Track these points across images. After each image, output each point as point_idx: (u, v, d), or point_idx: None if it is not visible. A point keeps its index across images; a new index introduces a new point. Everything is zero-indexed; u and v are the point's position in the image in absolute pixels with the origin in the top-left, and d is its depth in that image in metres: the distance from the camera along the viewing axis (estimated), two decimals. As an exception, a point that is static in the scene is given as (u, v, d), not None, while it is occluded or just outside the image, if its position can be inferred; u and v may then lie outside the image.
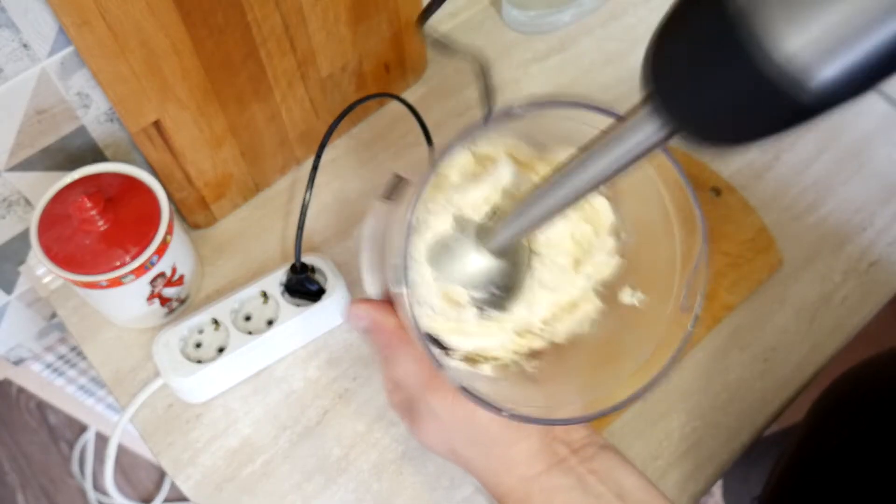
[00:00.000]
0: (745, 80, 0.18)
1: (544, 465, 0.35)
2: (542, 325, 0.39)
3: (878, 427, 0.46)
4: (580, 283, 0.39)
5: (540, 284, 0.39)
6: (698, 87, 0.20)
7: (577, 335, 0.39)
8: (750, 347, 0.54)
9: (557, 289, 0.39)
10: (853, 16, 0.16)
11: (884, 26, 0.16)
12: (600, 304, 0.40)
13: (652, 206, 0.36)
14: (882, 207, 0.60)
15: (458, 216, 0.38)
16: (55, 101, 0.47)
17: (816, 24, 0.16)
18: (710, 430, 0.51)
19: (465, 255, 0.37)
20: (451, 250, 0.37)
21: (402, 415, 0.39)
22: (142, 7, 0.42)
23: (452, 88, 0.66)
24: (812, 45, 0.17)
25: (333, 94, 0.58)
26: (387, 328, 0.37)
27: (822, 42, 0.16)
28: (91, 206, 0.45)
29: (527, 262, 0.39)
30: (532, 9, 0.67)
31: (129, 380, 0.53)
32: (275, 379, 0.53)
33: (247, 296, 0.52)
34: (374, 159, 0.62)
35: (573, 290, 0.39)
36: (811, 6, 0.16)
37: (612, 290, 0.39)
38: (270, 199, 0.60)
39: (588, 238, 0.39)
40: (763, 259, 0.56)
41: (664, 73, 0.21)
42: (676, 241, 0.36)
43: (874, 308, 0.56)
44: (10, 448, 1.29)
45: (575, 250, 0.39)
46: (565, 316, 0.39)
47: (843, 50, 0.16)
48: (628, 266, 0.39)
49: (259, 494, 0.49)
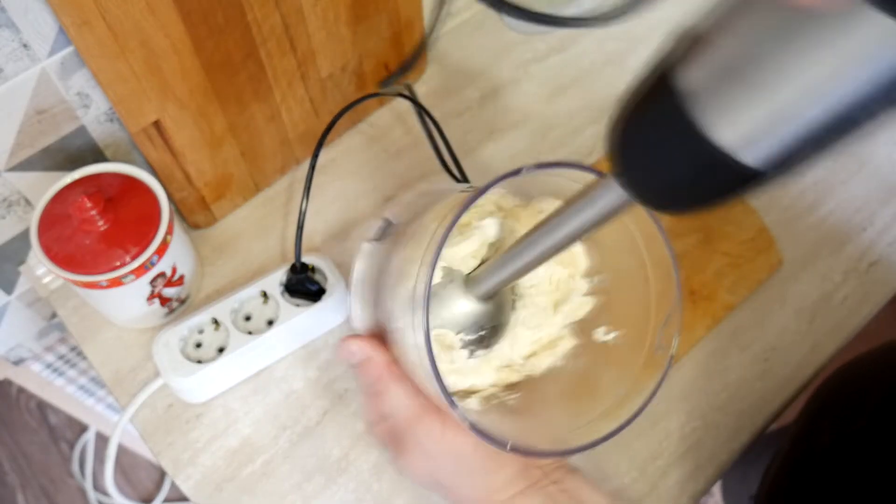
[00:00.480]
0: (692, 161, 0.22)
1: (520, 487, 0.37)
2: (522, 360, 0.42)
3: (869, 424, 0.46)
4: (559, 322, 0.42)
5: (522, 324, 0.42)
6: (654, 167, 0.24)
7: (553, 368, 0.42)
8: (750, 347, 0.54)
9: (538, 327, 0.41)
10: (771, 116, 0.20)
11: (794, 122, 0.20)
12: (575, 340, 0.42)
13: (627, 252, 0.39)
14: (882, 207, 0.60)
15: (447, 268, 0.41)
16: (55, 101, 0.47)
17: (745, 120, 0.20)
18: (710, 430, 0.51)
19: (455, 303, 0.41)
20: (441, 298, 0.41)
21: (386, 445, 0.41)
22: (142, 7, 0.42)
23: (452, 88, 0.66)
24: (742, 135, 0.21)
25: (333, 94, 0.58)
26: (379, 363, 0.39)
27: (749, 133, 0.21)
28: (91, 206, 0.45)
29: (510, 304, 0.42)
30: (532, 9, 0.67)
31: (129, 380, 0.53)
32: (275, 379, 0.53)
33: (247, 296, 0.52)
34: (374, 159, 0.62)
35: (552, 329, 0.42)
36: (739, 109, 0.20)
37: (587, 328, 0.42)
38: (270, 199, 0.60)
39: (564, 281, 0.42)
40: (763, 259, 0.56)
41: (625, 153, 0.25)
42: (651, 284, 0.38)
43: (874, 308, 0.56)
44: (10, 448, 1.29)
45: (554, 292, 0.42)
46: (545, 353, 0.42)
47: (766, 140, 0.21)
48: (603, 307, 0.41)
49: (259, 494, 0.49)
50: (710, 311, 0.54)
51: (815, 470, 0.48)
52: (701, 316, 0.54)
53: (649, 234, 0.38)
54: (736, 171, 0.21)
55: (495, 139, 0.63)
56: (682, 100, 0.21)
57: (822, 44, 0.18)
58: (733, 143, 0.21)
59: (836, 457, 0.47)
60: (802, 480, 0.49)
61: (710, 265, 0.56)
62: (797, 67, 0.19)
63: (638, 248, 0.39)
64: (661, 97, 0.22)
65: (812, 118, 0.20)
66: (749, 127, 0.21)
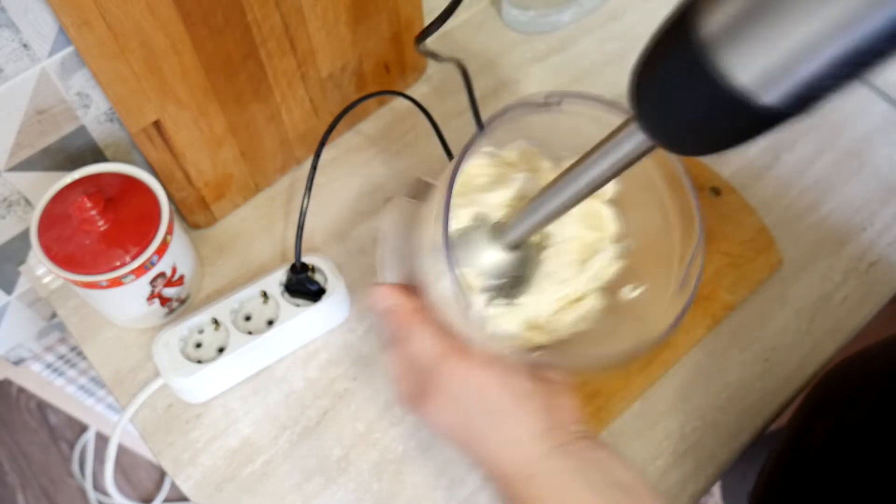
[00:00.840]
0: (710, 103, 0.23)
1: (547, 446, 0.37)
2: (549, 316, 0.42)
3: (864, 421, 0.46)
4: (585, 279, 0.42)
5: (548, 276, 0.42)
6: (673, 109, 0.25)
7: (580, 331, 0.42)
8: (750, 347, 0.54)
9: (564, 281, 0.42)
10: (789, 56, 0.21)
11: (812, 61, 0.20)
12: (603, 301, 0.42)
13: (653, 208, 0.40)
14: (882, 207, 0.60)
15: (479, 213, 0.42)
16: (55, 101, 0.47)
17: (764, 62, 0.21)
18: (710, 430, 0.51)
19: (482, 247, 0.41)
20: (469, 241, 0.41)
21: (411, 401, 0.41)
22: (142, 7, 0.42)
23: (452, 88, 0.66)
24: (757, 76, 0.21)
25: (333, 94, 0.58)
26: (407, 308, 0.40)
27: (769, 74, 0.21)
28: (91, 206, 0.45)
29: (536, 257, 0.42)
30: (532, 9, 0.67)
31: (129, 380, 0.53)
32: (275, 379, 0.53)
33: (247, 296, 0.52)
34: (374, 159, 0.62)
35: (578, 284, 0.42)
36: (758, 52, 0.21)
37: (613, 289, 0.42)
38: (270, 199, 0.60)
39: (594, 243, 0.42)
40: (763, 259, 0.56)
41: (645, 98, 0.25)
42: (675, 236, 0.39)
43: (874, 308, 0.56)
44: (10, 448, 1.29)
45: (582, 251, 0.43)
46: (570, 309, 0.42)
47: (781, 80, 0.21)
48: (629, 267, 0.42)
49: (259, 494, 0.49)
50: (710, 311, 0.54)
51: (809, 468, 0.48)
52: (701, 316, 0.54)
53: (671, 177, 0.38)
54: (755, 113, 0.22)
55: (495, 139, 0.63)
56: (701, 44, 0.22)
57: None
58: (753, 85, 0.21)
59: (830, 454, 0.47)
60: (796, 478, 0.49)
61: (709, 265, 0.56)
62: (814, 6, 0.19)
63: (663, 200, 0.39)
64: (681, 41, 0.23)
65: (829, 56, 0.20)
66: (768, 68, 0.21)
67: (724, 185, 0.59)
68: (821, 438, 0.48)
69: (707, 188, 0.59)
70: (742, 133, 0.24)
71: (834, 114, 0.64)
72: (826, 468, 0.46)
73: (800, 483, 0.48)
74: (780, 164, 0.62)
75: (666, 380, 0.53)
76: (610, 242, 0.43)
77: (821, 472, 0.47)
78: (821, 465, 0.47)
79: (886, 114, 0.64)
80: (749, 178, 0.61)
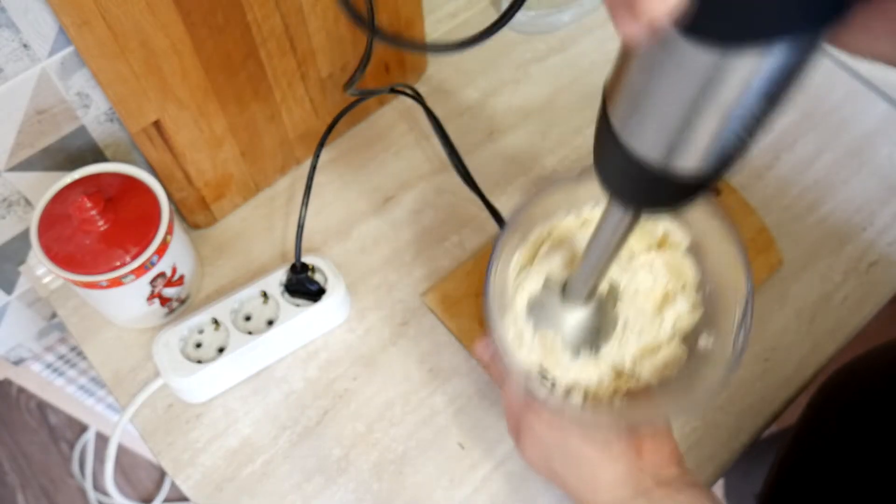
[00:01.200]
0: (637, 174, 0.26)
1: (629, 492, 0.38)
2: (631, 363, 0.44)
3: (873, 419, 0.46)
4: (665, 327, 0.44)
5: (626, 327, 0.44)
6: (618, 180, 0.28)
7: (665, 378, 0.43)
8: (750, 347, 0.54)
9: (643, 331, 0.44)
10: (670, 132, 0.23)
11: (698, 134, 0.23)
12: (684, 349, 0.44)
13: (721, 259, 0.42)
14: (882, 207, 0.60)
15: (548, 277, 0.45)
16: (55, 101, 0.47)
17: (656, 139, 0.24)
18: (710, 430, 0.51)
19: (555, 308, 0.45)
20: (544, 305, 0.45)
21: (513, 435, 0.44)
22: (142, 7, 0.42)
23: (452, 88, 0.66)
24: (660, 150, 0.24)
25: (333, 94, 0.58)
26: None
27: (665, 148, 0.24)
28: (91, 206, 0.45)
29: (611, 310, 0.45)
30: (532, 9, 0.67)
31: (129, 380, 0.53)
32: (275, 379, 0.53)
33: (247, 296, 0.52)
34: (374, 159, 0.62)
35: (658, 333, 0.44)
36: (649, 131, 0.24)
37: (694, 337, 0.44)
38: (270, 199, 0.60)
39: (674, 290, 0.45)
40: (763, 259, 0.56)
41: (601, 174, 0.29)
42: (735, 286, 0.40)
43: (874, 308, 0.56)
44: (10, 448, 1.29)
45: (662, 300, 0.44)
46: (649, 357, 0.44)
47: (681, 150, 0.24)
48: (707, 316, 0.44)
49: (259, 494, 0.49)
50: (711, 312, 0.54)
51: (817, 466, 0.48)
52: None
53: (726, 237, 0.41)
54: (675, 179, 0.25)
55: (495, 139, 0.63)
56: (615, 130, 0.25)
57: (669, 73, 0.22)
58: (658, 158, 0.25)
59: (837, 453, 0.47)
60: (804, 478, 0.49)
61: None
62: (663, 94, 0.22)
63: (726, 252, 0.41)
64: (606, 129, 0.26)
65: (712, 129, 0.23)
66: (659, 143, 0.24)
67: (724, 185, 0.59)
68: (828, 438, 0.48)
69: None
70: (680, 194, 0.27)
71: (834, 114, 0.64)
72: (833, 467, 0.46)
73: (807, 483, 0.48)
74: (780, 164, 0.62)
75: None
76: (690, 290, 0.44)
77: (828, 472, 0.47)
78: (828, 465, 0.47)
79: (886, 114, 0.64)
80: (749, 178, 0.61)
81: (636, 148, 0.25)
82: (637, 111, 0.24)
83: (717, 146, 0.23)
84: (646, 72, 0.23)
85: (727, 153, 0.24)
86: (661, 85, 0.22)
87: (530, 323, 0.44)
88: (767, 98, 0.21)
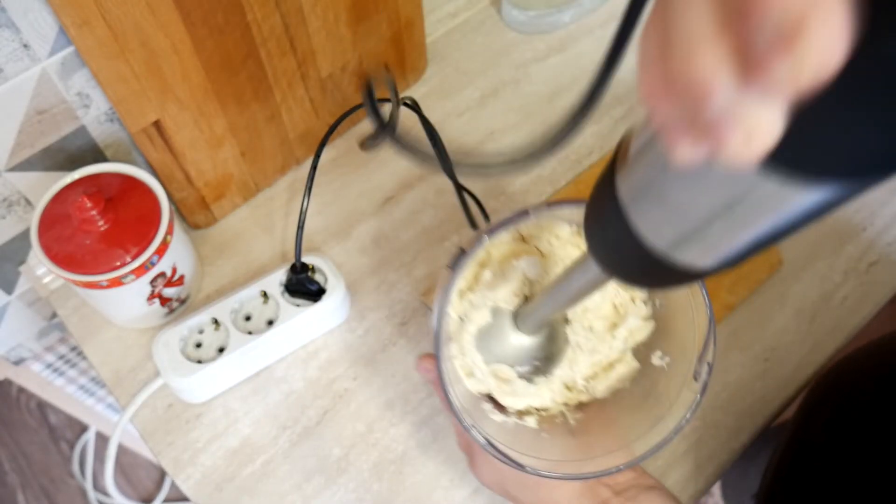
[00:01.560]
0: (636, 256, 0.25)
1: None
2: (584, 381, 0.43)
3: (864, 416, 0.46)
4: (616, 345, 0.43)
5: (578, 348, 0.44)
6: (611, 256, 0.27)
7: (618, 390, 0.43)
8: (750, 347, 0.54)
9: (594, 351, 0.43)
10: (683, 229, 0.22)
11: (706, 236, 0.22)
12: (637, 364, 0.43)
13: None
14: (882, 207, 0.60)
15: (494, 308, 0.44)
16: (55, 101, 0.47)
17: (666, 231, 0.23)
18: (710, 430, 0.51)
19: (506, 339, 0.44)
20: (492, 337, 0.44)
21: (467, 456, 0.44)
22: (142, 7, 0.42)
23: (452, 88, 0.66)
24: (667, 241, 0.23)
25: (333, 94, 0.58)
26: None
27: (672, 240, 0.23)
28: (91, 206, 0.45)
29: (562, 332, 0.45)
30: (532, 9, 0.67)
31: (129, 380, 0.53)
32: (275, 379, 0.53)
33: (247, 296, 0.52)
34: (374, 159, 0.62)
35: (609, 351, 0.43)
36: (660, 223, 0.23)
37: (646, 351, 0.43)
38: (270, 199, 0.60)
39: (625, 304, 0.44)
40: (763, 259, 0.56)
41: (590, 240, 0.28)
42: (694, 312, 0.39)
43: (874, 308, 0.56)
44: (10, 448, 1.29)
45: (612, 315, 0.44)
46: (603, 374, 0.43)
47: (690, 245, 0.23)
48: (660, 331, 0.43)
49: (259, 494, 0.49)
50: (710, 311, 0.54)
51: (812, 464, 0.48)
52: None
53: None
54: (674, 268, 0.24)
55: (495, 139, 0.63)
56: (620, 203, 0.24)
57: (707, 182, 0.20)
58: (663, 246, 0.23)
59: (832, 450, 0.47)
60: (800, 475, 0.49)
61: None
62: (692, 198, 0.21)
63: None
64: (609, 195, 0.25)
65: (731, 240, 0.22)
66: (670, 235, 0.23)
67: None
68: (822, 435, 0.48)
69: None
70: (671, 280, 0.25)
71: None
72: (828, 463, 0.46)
73: (803, 479, 0.48)
74: (780, 164, 0.62)
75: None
76: (640, 302, 0.44)
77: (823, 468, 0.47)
78: (823, 461, 0.47)
79: (886, 114, 0.64)
80: (749, 178, 0.61)
81: (640, 228, 0.24)
82: (653, 198, 0.23)
83: (728, 253, 0.22)
84: (678, 172, 0.21)
85: (734, 259, 0.23)
86: (692, 189, 0.21)
87: (479, 354, 0.43)
88: (800, 226, 0.20)
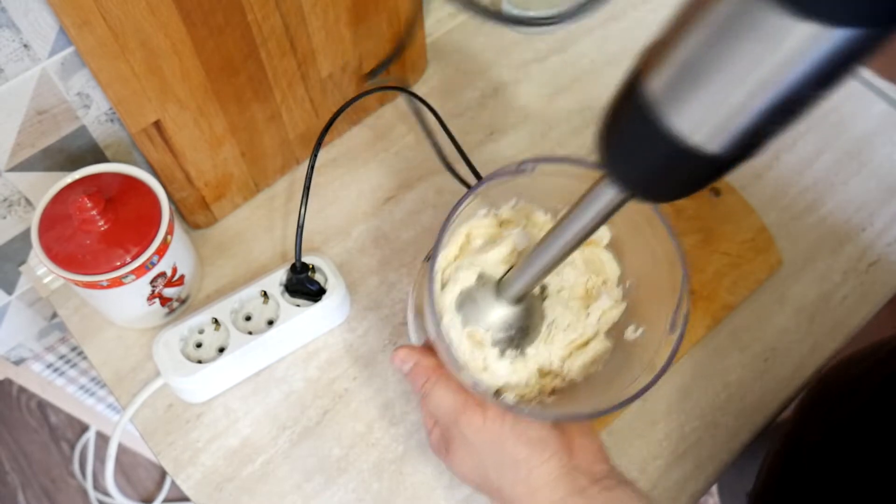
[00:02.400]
0: (664, 157, 0.25)
1: (565, 491, 0.38)
2: (560, 361, 0.44)
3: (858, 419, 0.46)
4: (590, 324, 0.44)
5: (552, 324, 0.45)
6: (634, 164, 0.27)
7: (591, 374, 0.44)
8: (750, 347, 0.54)
9: (570, 328, 0.44)
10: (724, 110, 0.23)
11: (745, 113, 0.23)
12: (610, 344, 0.44)
13: (645, 251, 0.42)
14: (882, 207, 0.60)
15: (482, 273, 0.45)
16: (56, 101, 0.47)
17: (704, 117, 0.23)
18: (710, 430, 0.51)
19: (487, 304, 0.44)
20: (475, 300, 0.44)
21: (439, 452, 0.43)
22: (142, 7, 0.42)
23: (452, 88, 0.66)
24: (704, 129, 0.24)
25: (333, 94, 0.58)
26: (425, 366, 0.42)
27: (710, 127, 0.23)
28: (91, 206, 0.45)
29: (539, 308, 0.45)
30: (532, 9, 0.67)
31: (129, 380, 0.53)
32: (275, 379, 0.53)
33: (247, 296, 0.52)
34: (374, 159, 0.62)
35: (584, 329, 0.44)
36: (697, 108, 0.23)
37: (619, 330, 0.44)
38: (270, 199, 0.60)
39: (597, 287, 0.45)
40: (763, 259, 0.56)
41: (610, 155, 0.28)
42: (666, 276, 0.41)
43: (874, 308, 0.56)
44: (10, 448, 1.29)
45: (585, 297, 0.45)
46: (578, 353, 0.44)
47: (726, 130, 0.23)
48: (630, 310, 0.44)
49: (259, 494, 0.49)
50: (710, 311, 0.54)
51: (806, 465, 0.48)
52: (701, 316, 0.54)
53: (656, 229, 0.41)
54: (704, 161, 0.25)
55: (495, 139, 0.63)
56: (650, 104, 0.24)
57: (749, 45, 0.21)
58: (697, 137, 0.24)
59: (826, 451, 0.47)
60: (794, 476, 0.49)
61: (709, 265, 0.56)
62: (736, 67, 0.22)
63: (651, 245, 0.41)
64: (634, 103, 0.25)
65: (760, 108, 0.22)
66: (709, 122, 0.23)
67: (723, 185, 0.59)
68: (817, 436, 0.48)
69: (707, 188, 0.59)
70: (699, 179, 0.26)
71: (834, 114, 0.64)
72: (822, 465, 0.47)
73: (797, 480, 0.48)
74: (780, 164, 0.62)
75: (666, 379, 0.53)
76: (612, 286, 0.45)
77: (818, 469, 0.47)
78: (817, 462, 0.47)
79: (886, 114, 0.64)
80: (749, 178, 0.61)
81: (674, 124, 0.24)
82: (687, 84, 0.23)
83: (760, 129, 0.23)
84: (713, 41, 0.22)
85: (763, 137, 0.24)
86: (731, 55, 0.21)
87: (458, 318, 0.44)
88: (836, 79, 0.21)
